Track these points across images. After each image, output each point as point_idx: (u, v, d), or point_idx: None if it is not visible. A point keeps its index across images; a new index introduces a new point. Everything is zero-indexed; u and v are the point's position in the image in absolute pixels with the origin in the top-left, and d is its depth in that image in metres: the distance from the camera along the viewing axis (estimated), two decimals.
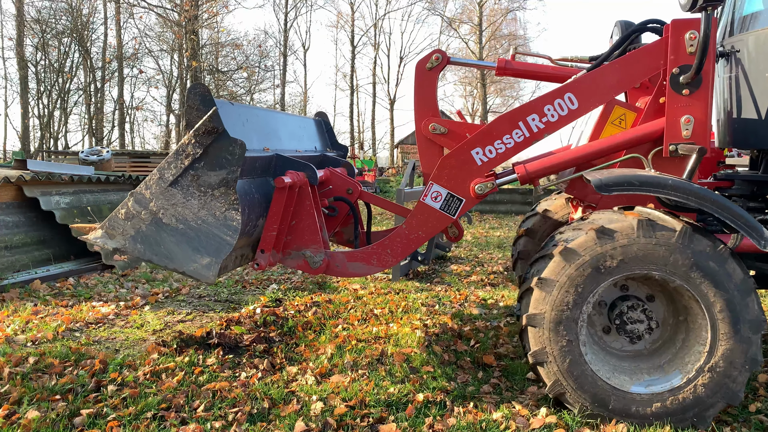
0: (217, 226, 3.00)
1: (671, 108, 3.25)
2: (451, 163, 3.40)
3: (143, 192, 3.06)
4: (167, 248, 3.05)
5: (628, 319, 3.02)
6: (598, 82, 3.32)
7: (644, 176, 2.90)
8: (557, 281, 2.88)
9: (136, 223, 3.08)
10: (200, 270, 3.01)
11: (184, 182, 3.03)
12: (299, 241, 3.44)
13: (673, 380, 2.93)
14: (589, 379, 2.92)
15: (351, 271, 3.57)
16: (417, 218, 3.46)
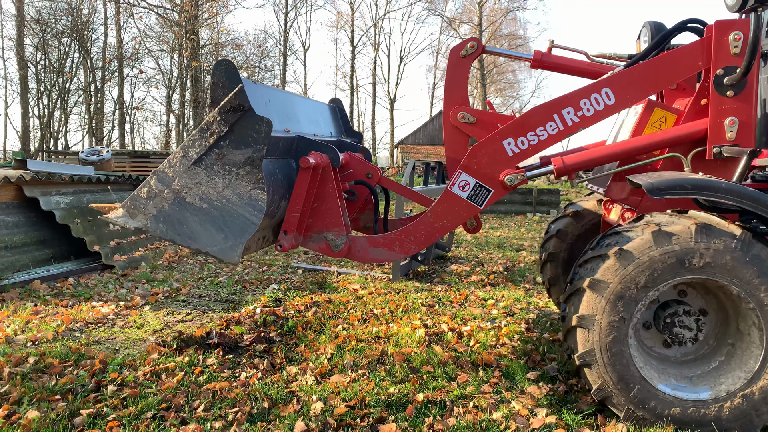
0: (242, 205, 2.95)
1: (715, 110, 3.21)
2: (482, 152, 3.34)
3: (166, 170, 2.99)
4: (190, 228, 2.99)
5: (679, 321, 2.99)
6: (636, 78, 3.27)
7: (697, 180, 2.86)
8: (611, 283, 2.84)
9: (158, 202, 3.01)
10: (224, 250, 2.96)
11: (208, 161, 2.97)
12: (321, 224, 3.38)
13: (700, 394, 2.92)
14: (638, 382, 2.89)
15: (372, 257, 3.49)
16: (443, 206, 3.39)
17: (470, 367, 3.85)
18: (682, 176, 2.95)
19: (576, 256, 4.83)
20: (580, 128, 3.29)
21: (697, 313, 3.00)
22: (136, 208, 3.04)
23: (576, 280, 3.03)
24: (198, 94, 30.24)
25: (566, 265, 4.84)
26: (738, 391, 2.84)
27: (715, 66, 3.19)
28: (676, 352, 3.13)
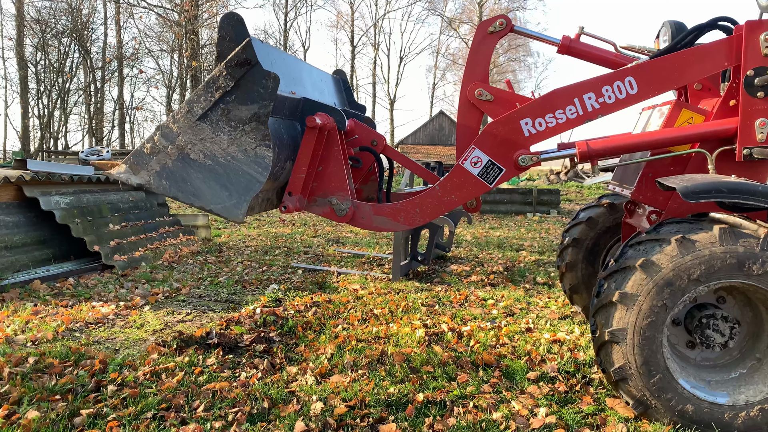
0: (247, 162, 2.91)
1: (745, 111, 3.20)
2: (498, 130, 3.31)
3: (170, 126, 2.93)
4: (194, 185, 2.95)
5: (714, 324, 2.98)
6: (661, 70, 3.24)
7: (732, 183, 2.85)
8: (664, 268, 2.81)
9: (161, 158, 2.96)
10: (228, 208, 2.92)
11: (213, 116, 2.91)
12: (326, 188, 3.35)
13: (717, 398, 2.92)
14: (661, 371, 2.88)
15: (376, 225, 3.46)
16: (452, 181, 3.37)
17: (470, 367, 3.85)
18: (716, 179, 2.94)
19: (594, 260, 4.85)
20: (599, 115, 3.27)
21: (733, 321, 3.00)
22: (138, 164, 2.98)
23: (624, 259, 2.99)
24: None
25: (585, 272, 4.85)
26: (757, 403, 2.85)
27: (745, 66, 3.17)
28: (697, 354, 3.13)
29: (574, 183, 29.58)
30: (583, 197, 22.21)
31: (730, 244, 2.77)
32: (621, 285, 2.90)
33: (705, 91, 3.81)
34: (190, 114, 2.92)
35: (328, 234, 10.80)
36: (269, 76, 2.81)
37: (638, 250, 2.97)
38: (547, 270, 7.55)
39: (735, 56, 3.22)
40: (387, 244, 9.46)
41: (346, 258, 8.23)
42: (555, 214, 15.64)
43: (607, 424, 3.04)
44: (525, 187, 18.55)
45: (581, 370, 3.80)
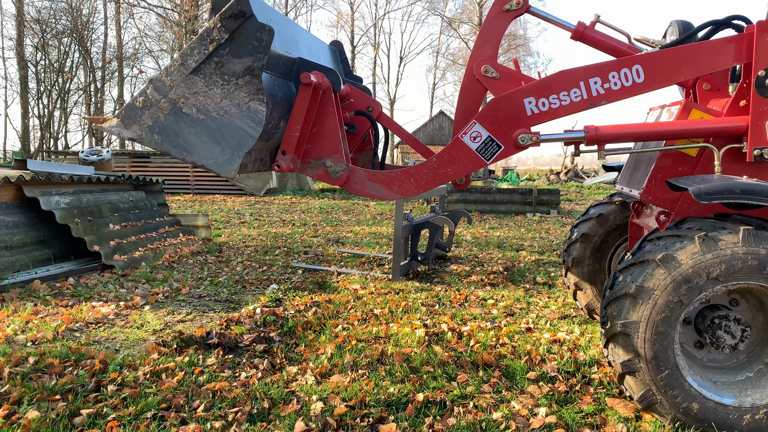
0: (240, 117, 2.87)
1: (756, 111, 3.20)
2: (501, 106, 3.29)
3: (163, 79, 2.89)
4: (186, 140, 2.91)
5: (726, 326, 2.98)
6: (671, 61, 3.23)
7: (745, 184, 2.85)
8: (683, 264, 2.82)
9: (154, 112, 2.91)
10: (221, 164, 2.89)
11: (206, 69, 2.87)
12: (320, 149, 3.31)
13: (724, 398, 2.92)
14: (670, 367, 2.88)
15: (369, 191, 3.43)
16: (450, 154, 3.34)
17: (470, 367, 3.85)
18: (729, 180, 2.94)
19: (601, 257, 4.85)
20: (603, 101, 3.25)
21: (746, 324, 3.00)
22: (130, 118, 2.93)
23: (642, 253, 2.98)
24: None
25: (592, 268, 4.85)
26: (763, 407, 2.85)
27: (756, 67, 3.17)
28: (704, 355, 3.14)
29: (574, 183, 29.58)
30: (584, 197, 22.22)
31: (752, 246, 2.77)
32: (638, 278, 2.90)
33: (714, 92, 3.81)
34: (183, 67, 2.87)
35: (328, 234, 10.80)
36: (264, 29, 2.77)
37: (658, 245, 2.97)
38: (547, 270, 7.55)
39: (746, 54, 3.21)
40: (387, 244, 9.46)
41: (346, 258, 8.23)
42: (555, 214, 15.64)
43: (607, 424, 3.04)
44: (525, 187, 18.55)
45: (581, 370, 3.80)
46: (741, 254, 2.78)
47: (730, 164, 3.32)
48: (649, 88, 3.28)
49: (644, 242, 3.07)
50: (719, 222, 2.96)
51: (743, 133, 3.26)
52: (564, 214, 15.68)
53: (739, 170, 3.26)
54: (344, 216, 14.40)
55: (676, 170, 3.55)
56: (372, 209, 16.24)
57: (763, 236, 2.79)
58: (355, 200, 19.44)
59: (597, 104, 3.26)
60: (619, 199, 4.85)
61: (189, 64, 2.88)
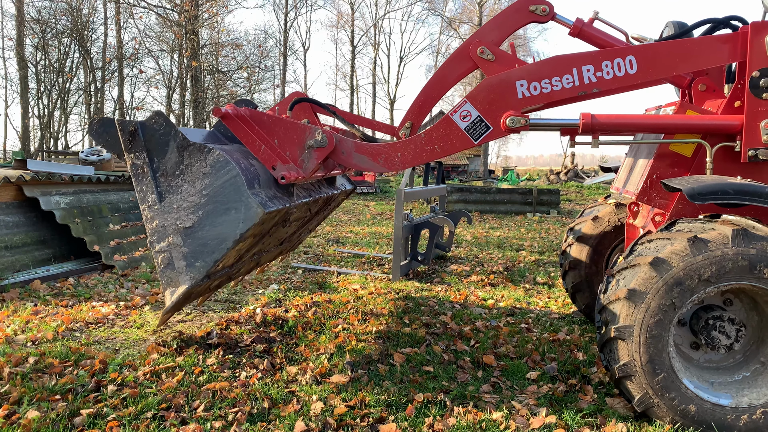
0: (217, 177, 3.01)
1: (750, 112, 3.20)
2: (493, 86, 3.29)
3: (153, 228, 3.08)
4: (211, 236, 3.03)
5: (720, 326, 2.98)
6: (664, 54, 3.23)
7: (739, 185, 2.85)
8: (674, 266, 2.81)
9: (176, 253, 3.07)
10: (248, 218, 2.99)
11: (164, 185, 3.06)
12: (295, 144, 3.36)
13: (720, 399, 2.92)
14: (666, 370, 2.87)
15: (355, 162, 3.45)
16: (438, 131, 3.35)
17: (470, 367, 3.85)
18: (723, 181, 2.94)
19: (597, 260, 4.85)
20: (594, 89, 3.25)
21: (740, 323, 3.00)
22: (170, 279, 3.11)
23: (634, 256, 2.99)
24: (198, 94, 30.24)
25: (589, 270, 4.85)
26: (760, 406, 2.85)
27: (750, 68, 3.17)
28: (701, 356, 3.13)
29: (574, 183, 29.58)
30: (583, 197, 22.22)
31: (742, 246, 2.77)
32: (630, 282, 2.90)
33: (710, 93, 3.82)
34: (150, 207, 3.09)
35: (328, 234, 10.80)
36: (153, 117, 3.04)
37: (649, 248, 2.97)
38: (547, 270, 7.55)
39: (740, 53, 3.21)
40: (387, 244, 9.46)
41: (346, 258, 8.23)
42: (555, 214, 15.64)
43: (607, 424, 3.04)
44: (525, 187, 18.55)
45: (581, 370, 3.80)
46: (731, 255, 2.77)
47: (724, 164, 3.32)
48: (641, 80, 3.28)
49: (636, 245, 3.08)
50: (709, 223, 2.95)
51: (737, 132, 3.27)
52: (564, 214, 15.68)
53: (733, 170, 3.27)
54: (344, 216, 14.39)
55: (671, 171, 3.55)
56: (372, 209, 16.24)
57: (753, 236, 2.79)
58: (355, 200, 19.44)
59: (588, 92, 3.25)
60: (614, 201, 4.86)
61: (152, 199, 3.08)
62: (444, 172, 8.75)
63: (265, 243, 3.74)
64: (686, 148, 3.54)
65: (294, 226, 4.07)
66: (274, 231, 3.58)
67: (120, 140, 3.06)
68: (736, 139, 3.28)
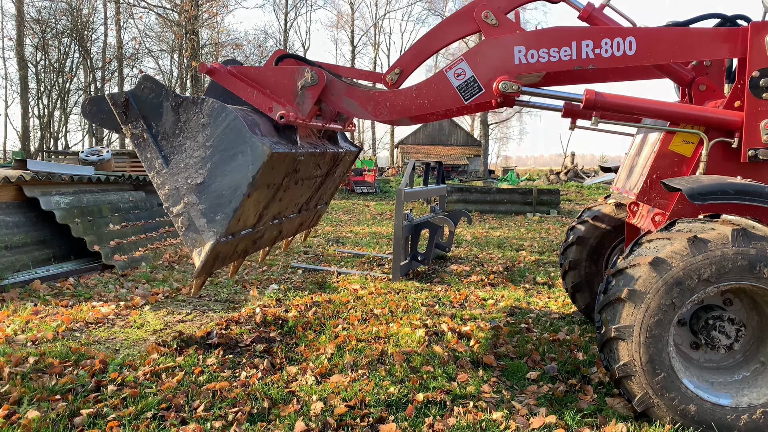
0: (216, 125, 3.00)
1: (750, 112, 3.19)
2: (491, 48, 3.28)
3: (167, 193, 3.06)
4: (225, 186, 3.02)
5: (720, 326, 2.97)
6: (665, 39, 3.22)
7: (739, 185, 2.85)
8: (674, 266, 2.81)
9: (195, 212, 3.05)
10: (255, 158, 2.97)
11: (167, 148, 3.04)
12: (285, 87, 3.34)
13: (720, 399, 2.92)
14: (666, 370, 2.87)
15: (344, 106, 3.43)
16: (431, 86, 3.34)
17: (470, 367, 3.85)
18: (722, 181, 2.94)
19: (597, 259, 4.85)
20: (591, 65, 3.24)
21: (740, 323, 3.00)
22: (194, 240, 3.08)
23: (634, 256, 2.99)
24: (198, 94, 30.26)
25: (589, 270, 4.85)
26: (760, 406, 2.85)
27: (750, 68, 3.17)
28: (701, 356, 3.13)
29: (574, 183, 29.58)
30: (583, 197, 22.22)
31: (742, 246, 2.77)
32: (630, 282, 2.90)
33: (710, 92, 3.82)
34: (159, 172, 3.08)
35: (328, 234, 10.80)
36: (146, 85, 3.04)
37: (648, 248, 2.97)
38: (547, 270, 7.55)
39: (740, 49, 3.21)
40: (387, 244, 9.46)
41: (346, 258, 8.23)
42: (555, 214, 15.64)
43: (607, 424, 3.04)
44: (525, 187, 18.55)
45: (581, 370, 3.80)
46: (731, 255, 2.77)
47: (724, 163, 3.32)
48: (638, 63, 3.26)
49: (635, 245, 3.08)
50: (709, 223, 2.95)
51: (736, 129, 3.26)
52: (564, 214, 15.68)
53: (733, 170, 3.26)
54: (344, 216, 14.40)
55: (671, 171, 3.55)
56: (372, 209, 16.24)
57: (752, 236, 2.79)
58: (355, 200, 19.44)
59: (584, 67, 3.24)
60: (613, 201, 4.86)
61: (158, 164, 3.07)
62: (444, 172, 8.76)
63: (282, 203, 3.72)
64: (686, 148, 3.53)
65: (307, 188, 4.05)
66: (287, 185, 3.56)
67: (115, 115, 3.05)
68: (734, 135, 3.27)
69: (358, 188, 22.40)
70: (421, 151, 46.70)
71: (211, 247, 3.06)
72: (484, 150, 40.23)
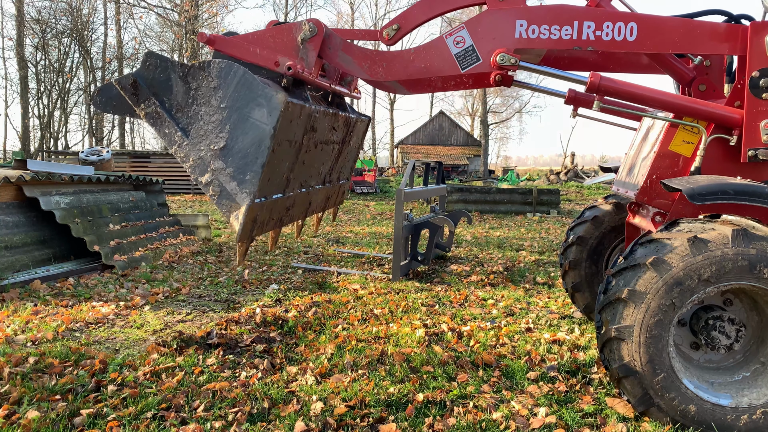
0: (227, 84, 3.00)
1: (750, 112, 3.19)
2: (493, 19, 3.26)
3: (193, 163, 3.07)
4: (248, 144, 3.02)
5: (720, 326, 2.98)
6: (666, 28, 3.22)
7: (739, 185, 2.85)
8: (674, 267, 2.81)
9: (224, 177, 3.04)
10: (271, 108, 2.98)
11: (183, 120, 3.04)
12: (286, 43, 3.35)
13: (720, 399, 2.92)
14: (666, 370, 2.87)
15: (339, 61, 3.42)
16: (429, 51, 3.34)
17: (470, 367, 3.85)
18: (722, 181, 2.94)
19: (597, 259, 4.85)
20: (590, 47, 3.23)
21: (740, 323, 3.00)
22: (229, 205, 3.08)
23: (634, 256, 2.98)
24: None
25: (589, 270, 4.85)
26: (760, 406, 2.85)
27: (750, 68, 3.16)
28: (701, 356, 3.13)
29: (574, 183, 29.59)
30: (583, 197, 22.22)
31: (742, 246, 2.77)
32: (630, 282, 2.90)
33: (710, 92, 3.81)
34: (181, 147, 3.07)
35: (328, 234, 10.80)
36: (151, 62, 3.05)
37: (649, 248, 2.97)
38: (547, 270, 7.55)
39: (740, 47, 3.20)
40: (387, 244, 9.46)
41: (346, 258, 8.23)
42: (555, 214, 15.64)
43: (607, 424, 3.04)
44: (525, 187, 18.55)
45: (581, 370, 3.80)
46: (731, 255, 2.77)
47: (724, 164, 3.31)
48: (637, 50, 3.26)
49: (636, 246, 3.08)
50: (709, 223, 2.95)
51: (735, 126, 3.26)
52: (564, 214, 15.68)
53: (733, 170, 3.26)
54: (344, 216, 14.40)
55: (672, 171, 3.55)
56: (372, 209, 16.25)
57: (753, 236, 2.79)
58: (355, 200, 19.45)
59: (583, 48, 3.24)
60: (613, 201, 4.86)
61: (178, 137, 3.08)
62: (444, 172, 8.76)
63: (306, 168, 3.72)
64: (686, 149, 3.53)
65: (327, 154, 4.06)
66: (307, 146, 3.55)
67: (125, 98, 3.05)
68: (733, 133, 3.27)
69: (358, 188, 22.41)
70: (421, 151, 46.71)
71: (248, 208, 3.04)
72: (484, 150, 40.24)
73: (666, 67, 3.80)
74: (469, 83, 3.47)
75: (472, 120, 55.79)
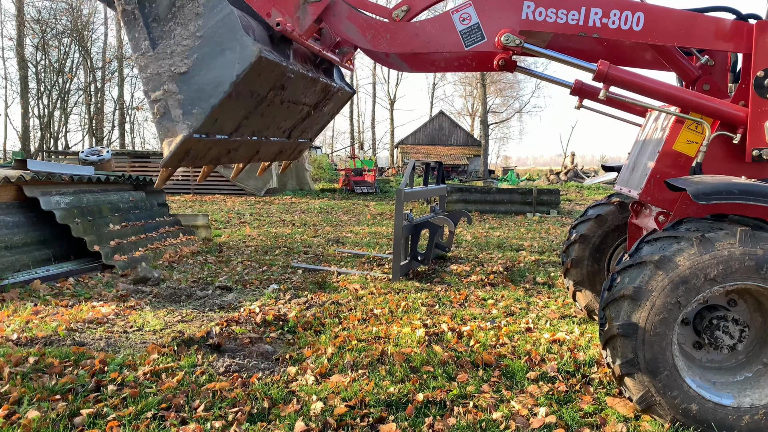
0: (210, 16, 2.92)
1: (755, 112, 3.19)
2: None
3: (147, 81, 2.96)
4: (207, 81, 2.93)
5: (724, 326, 2.97)
6: (672, 19, 3.21)
7: (743, 185, 2.85)
8: (681, 265, 2.81)
9: (172, 101, 2.95)
10: (242, 57, 2.89)
11: (156, 31, 2.97)
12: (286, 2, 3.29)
13: (722, 399, 2.92)
14: (669, 369, 2.87)
15: (342, 29, 3.38)
16: (434, 25, 3.31)
17: (470, 367, 3.85)
18: (727, 181, 2.94)
19: (599, 258, 4.85)
20: (595, 34, 3.22)
21: (744, 324, 2.99)
22: (167, 129, 2.96)
23: (640, 254, 2.98)
24: None
25: (591, 269, 4.85)
26: (762, 407, 2.85)
27: (755, 67, 3.15)
28: (703, 355, 3.13)
29: (574, 183, 29.59)
30: (584, 197, 22.22)
31: (749, 247, 2.77)
32: (635, 280, 2.90)
33: (714, 92, 3.81)
34: (144, 55, 2.96)
35: (328, 234, 10.80)
36: None
37: (655, 247, 2.97)
38: (547, 270, 7.55)
39: (745, 45, 3.19)
40: (387, 244, 9.46)
41: (346, 258, 8.23)
42: (555, 214, 15.64)
43: (607, 424, 3.04)
44: (525, 187, 18.55)
45: (581, 370, 3.80)
46: (738, 255, 2.77)
47: (728, 164, 3.31)
48: (641, 40, 3.25)
49: (642, 244, 3.08)
50: (716, 223, 2.95)
51: (739, 124, 3.25)
52: (564, 214, 15.68)
53: (737, 170, 3.25)
54: (344, 216, 14.40)
55: (675, 171, 3.54)
56: (372, 209, 16.24)
57: (760, 237, 2.79)
58: (355, 200, 19.45)
59: (588, 35, 3.23)
60: (617, 200, 4.86)
61: (145, 46, 2.97)
62: (444, 172, 8.76)
63: (264, 120, 3.62)
64: (690, 148, 3.53)
65: (293, 113, 3.96)
66: (271, 100, 3.46)
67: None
68: (737, 131, 3.26)
69: (358, 188, 22.41)
70: (421, 151, 46.71)
71: (183, 140, 2.95)
72: (484, 150, 40.24)
73: (671, 63, 3.79)
74: (473, 65, 3.43)
75: (472, 120, 55.79)
